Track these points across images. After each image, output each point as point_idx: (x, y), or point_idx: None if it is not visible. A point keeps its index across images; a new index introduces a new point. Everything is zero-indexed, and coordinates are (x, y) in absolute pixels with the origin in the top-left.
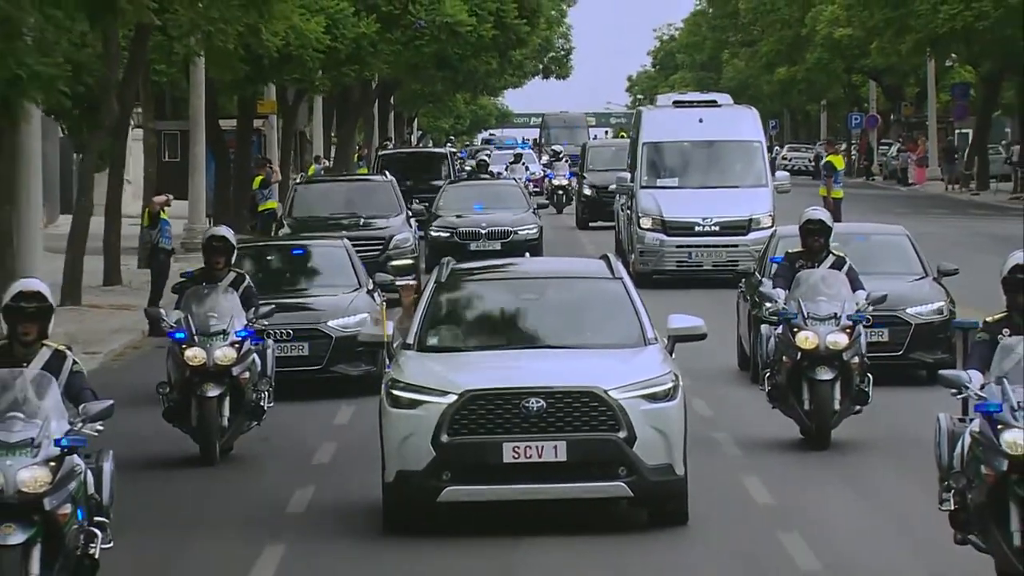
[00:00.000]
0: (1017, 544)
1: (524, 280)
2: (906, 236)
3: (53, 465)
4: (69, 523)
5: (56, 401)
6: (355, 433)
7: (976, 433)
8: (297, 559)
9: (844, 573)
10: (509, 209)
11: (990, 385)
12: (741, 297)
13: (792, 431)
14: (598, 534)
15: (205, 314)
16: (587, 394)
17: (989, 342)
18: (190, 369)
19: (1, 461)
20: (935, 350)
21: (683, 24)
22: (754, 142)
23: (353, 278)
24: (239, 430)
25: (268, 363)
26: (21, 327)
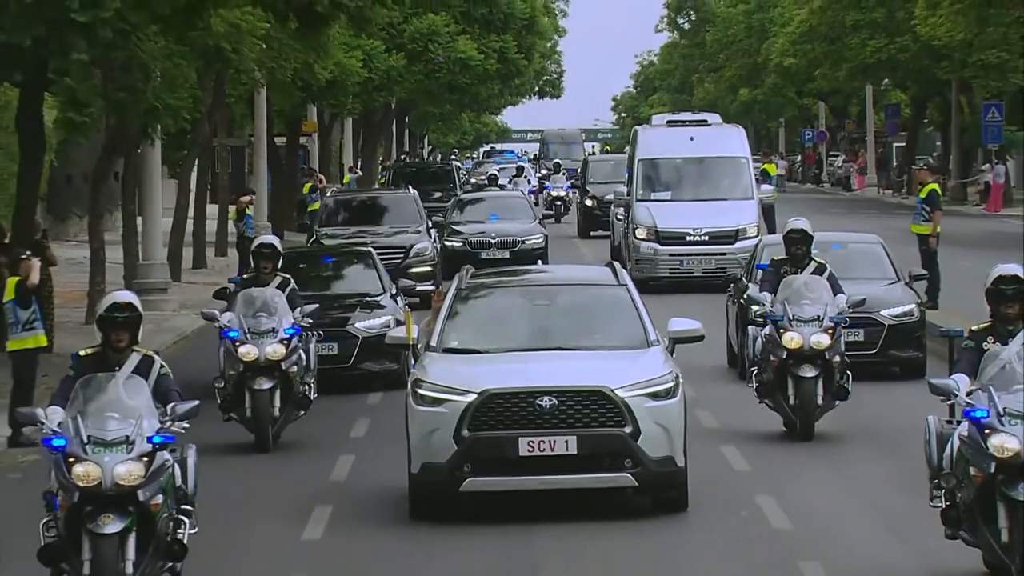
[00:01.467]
0: (1004, 540)
1: (537, 287)
2: (880, 244)
3: (146, 460)
4: (160, 512)
5: (147, 401)
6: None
7: (964, 436)
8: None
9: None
10: (517, 220)
11: (977, 392)
12: (730, 301)
13: (775, 420)
14: (606, 520)
15: (256, 314)
16: (595, 393)
17: (975, 350)
18: (243, 364)
19: (99, 457)
20: (907, 348)
21: (659, 52)
22: (741, 158)
23: (378, 284)
24: (289, 419)
25: (311, 358)
26: (114, 335)
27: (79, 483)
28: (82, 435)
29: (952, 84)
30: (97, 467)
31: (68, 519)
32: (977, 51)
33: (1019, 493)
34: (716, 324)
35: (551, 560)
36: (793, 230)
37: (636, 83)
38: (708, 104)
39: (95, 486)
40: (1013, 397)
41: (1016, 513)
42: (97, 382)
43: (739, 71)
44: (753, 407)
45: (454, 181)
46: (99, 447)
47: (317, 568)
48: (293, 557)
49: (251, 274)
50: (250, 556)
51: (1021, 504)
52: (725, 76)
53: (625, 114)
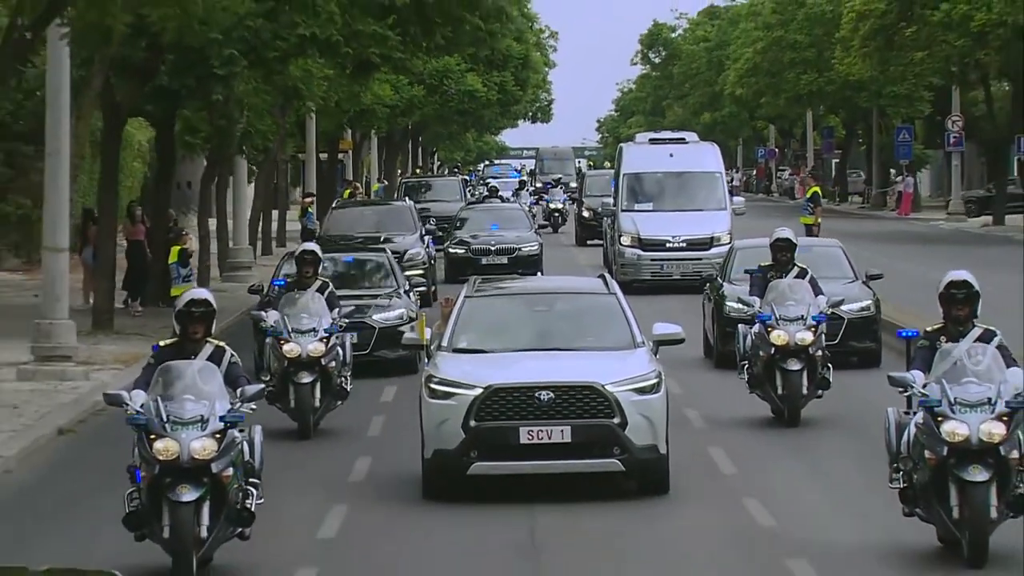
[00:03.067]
0: (955, 516)
1: (537, 295)
2: (840, 248)
3: (218, 437)
4: (231, 483)
5: (219, 386)
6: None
7: (920, 424)
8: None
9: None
10: (515, 230)
11: (931, 384)
12: (706, 299)
13: (747, 406)
14: (597, 501)
15: (298, 314)
16: (588, 388)
17: (929, 348)
18: (288, 360)
19: (177, 434)
20: (864, 340)
21: (635, 81)
22: (715, 173)
23: (393, 281)
24: (328, 409)
25: (347, 354)
26: (191, 327)
27: (159, 457)
28: (162, 415)
29: (873, 110)
30: (175, 443)
31: (149, 489)
32: (887, 85)
33: (969, 474)
34: (693, 320)
35: (549, 535)
36: (779, 239)
37: (617, 107)
38: (677, 125)
39: (173, 460)
40: (963, 389)
41: (966, 492)
42: (175, 369)
43: (701, 98)
44: (726, 391)
45: (461, 193)
46: (177, 425)
47: (344, 536)
48: (321, 527)
49: (295, 278)
50: (288, 518)
51: (970, 484)
52: (690, 102)
53: (608, 134)
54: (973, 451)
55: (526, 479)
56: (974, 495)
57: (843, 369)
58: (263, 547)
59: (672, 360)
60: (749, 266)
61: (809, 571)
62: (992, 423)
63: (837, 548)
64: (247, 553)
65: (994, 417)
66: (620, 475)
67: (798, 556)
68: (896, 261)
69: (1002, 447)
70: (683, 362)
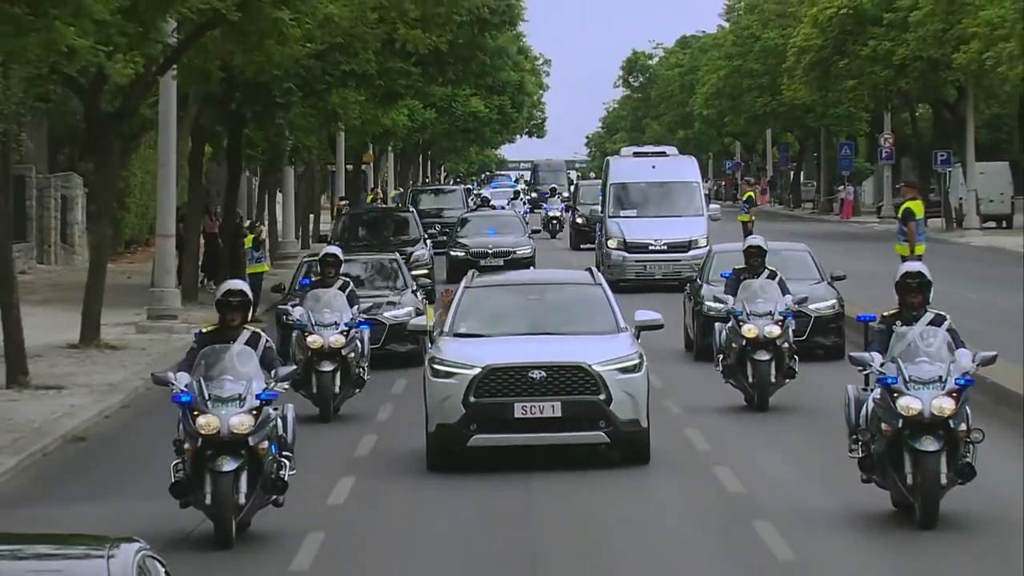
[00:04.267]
0: (909, 482)
1: (530, 285)
2: (807, 252)
3: (254, 413)
4: (266, 455)
5: (255, 368)
6: (407, 397)
7: (877, 399)
8: (363, 491)
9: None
10: (511, 235)
11: (888, 363)
12: (686, 298)
13: (725, 396)
14: (585, 469)
15: (321, 309)
16: (576, 367)
17: (886, 331)
18: (311, 351)
19: (217, 410)
20: (829, 336)
21: (618, 102)
22: (693, 183)
23: (403, 282)
24: (347, 396)
25: (365, 346)
26: (229, 315)
27: (202, 431)
28: (204, 394)
29: (820, 129)
30: (216, 418)
31: (193, 461)
32: (830, 107)
33: (921, 444)
34: (674, 315)
35: (542, 498)
36: (751, 246)
37: (603, 124)
38: (655, 140)
39: (214, 434)
40: (916, 368)
41: (918, 461)
42: (216, 352)
43: (675, 117)
44: (703, 382)
45: (464, 202)
46: (217, 403)
47: (355, 501)
48: (338, 488)
49: (319, 277)
50: (307, 487)
51: (922, 453)
52: (665, 120)
53: (595, 148)
54: (925, 424)
55: (521, 450)
56: (926, 463)
57: (810, 362)
58: (277, 513)
59: (655, 351)
60: (725, 268)
61: (772, 531)
62: (943, 399)
63: (800, 511)
64: (263, 519)
65: (944, 393)
66: (605, 446)
67: (763, 518)
68: (833, 255)
69: (951, 420)
70: (665, 355)
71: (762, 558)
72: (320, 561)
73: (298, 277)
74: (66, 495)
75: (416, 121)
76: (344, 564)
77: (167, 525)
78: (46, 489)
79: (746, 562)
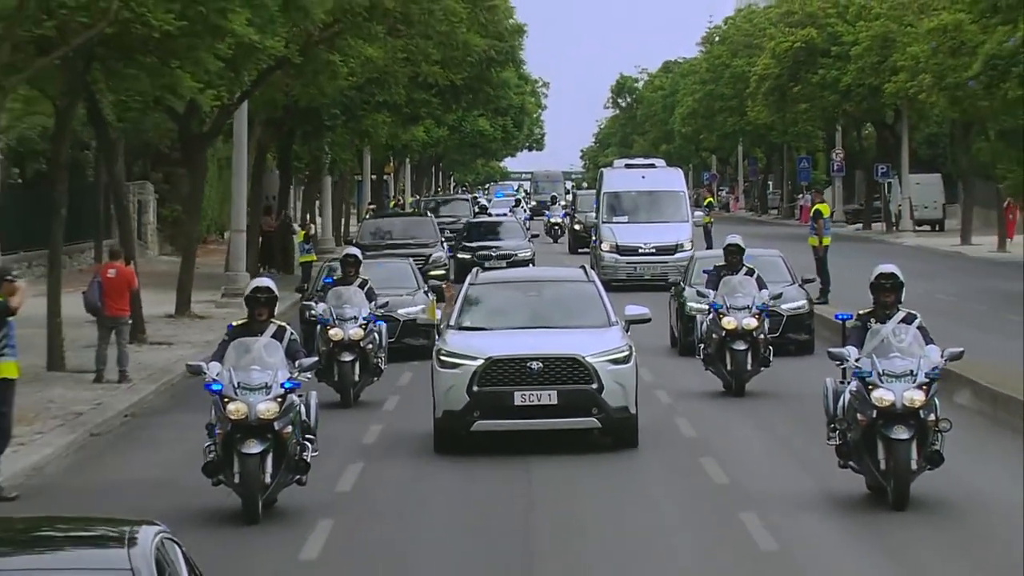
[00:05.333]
0: (882, 467)
1: (528, 282)
2: (780, 257)
3: (280, 400)
4: (290, 439)
5: (281, 358)
6: (414, 387)
7: (854, 391)
8: (370, 474)
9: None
10: (513, 239)
11: (863, 358)
12: (672, 298)
13: (706, 383)
14: (578, 453)
15: (342, 305)
16: (571, 359)
17: (861, 328)
18: (332, 343)
19: (245, 397)
20: (800, 333)
21: (608, 120)
22: (679, 192)
23: (414, 282)
24: (366, 384)
25: (383, 338)
26: (257, 310)
27: (231, 417)
28: (234, 382)
29: (783, 145)
30: (245, 405)
31: (223, 443)
32: (789, 126)
33: (894, 433)
34: (660, 313)
35: (540, 479)
36: (730, 244)
37: (596, 139)
38: (641, 154)
39: (243, 419)
40: (889, 362)
41: (891, 448)
42: (245, 344)
43: (658, 134)
44: (688, 373)
45: (470, 209)
46: (246, 390)
47: (365, 481)
48: (346, 475)
49: (340, 276)
50: (322, 466)
51: (895, 441)
52: (649, 137)
53: (589, 161)
54: (898, 414)
55: (520, 435)
56: (898, 451)
57: (782, 357)
58: (310, 475)
59: (644, 346)
60: (707, 270)
61: (753, 516)
62: (914, 391)
63: (774, 490)
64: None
65: (915, 386)
66: (598, 431)
67: (748, 509)
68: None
69: (922, 411)
70: (653, 351)
71: (739, 535)
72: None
73: (321, 276)
74: (193, 406)
75: (431, 138)
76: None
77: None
78: (181, 402)
79: (723, 537)
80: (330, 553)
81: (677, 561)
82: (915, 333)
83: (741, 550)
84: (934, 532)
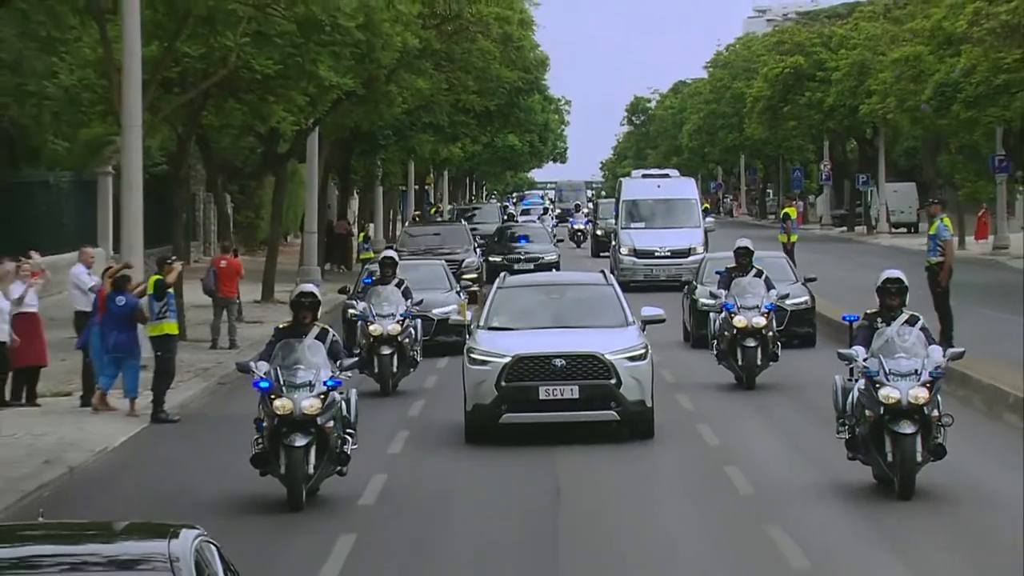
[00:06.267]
0: (889, 460)
1: (551, 285)
2: (784, 259)
3: (322, 397)
4: (332, 433)
5: (323, 358)
6: (447, 378)
7: (862, 389)
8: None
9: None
10: (539, 243)
11: (871, 358)
12: (685, 297)
13: (718, 376)
14: (599, 443)
15: (380, 303)
16: (592, 356)
17: (868, 328)
18: (372, 337)
19: (291, 395)
20: (803, 327)
21: (624, 135)
22: (692, 200)
23: (447, 284)
24: (404, 374)
25: (418, 333)
26: (302, 314)
27: (278, 412)
28: (280, 380)
29: (779, 157)
30: (290, 401)
31: (270, 437)
32: (783, 141)
33: (900, 428)
34: (675, 311)
35: (563, 467)
36: (740, 247)
37: (614, 152)
38: (654, 166)
39: (288, 414)
40: (895, 362)
41: (897, 442)
42: (290, 345)
43: (668, 147)
44: (701, 368)
45: (500, 217)
46: (291, 388)
47: (398, 470)
48: (383, 462)
49: (378, 276)
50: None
51: (901, 435)
52: (661, 150)
53: (608, 171)
54: (903, 410)
55: (545, 426)
56: (904, 444)
57: (787, 349)
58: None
59: (659, 342)
60: (718, 270)
61: (747, 485)
62: (918, 389)
63: (783, 479)
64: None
65: (919, 384)
66: (616, 423)
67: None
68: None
69: (925, 407)
70: (667, 343)
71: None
72: (381, 499)
73: (361, 278)
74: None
75: (467, 152)
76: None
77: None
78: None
79: (721, 520)
80: (381, 503)
81: (690, 538)
82: (918, 334)
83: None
84: (936, 519)
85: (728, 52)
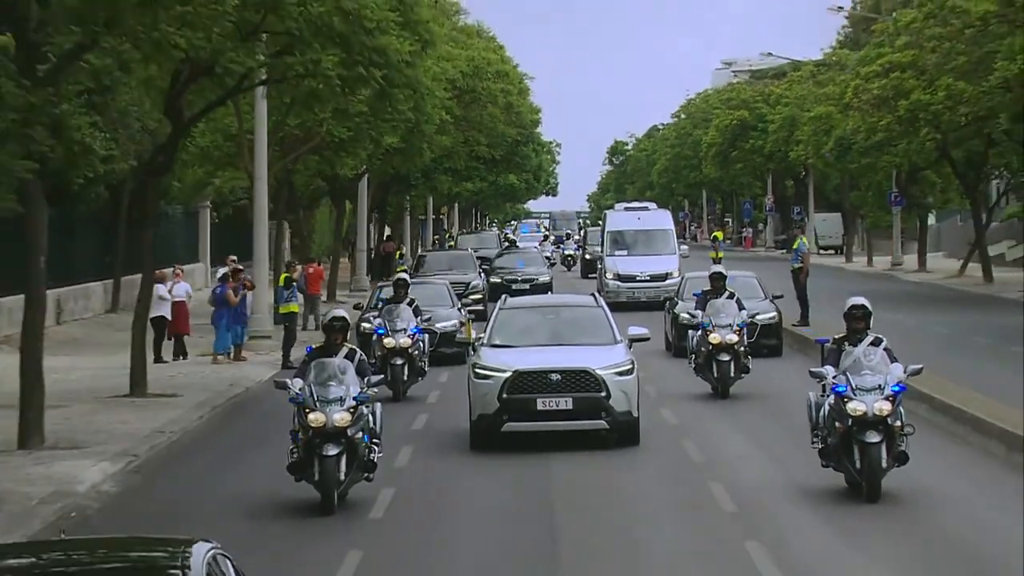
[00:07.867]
0: (858, 467)
1: (547, 306)
2: (755, 278)
3: (352, 411)
4: (360, 443)
5: (352, 376)
6: (451, 388)
7: (832, 404)
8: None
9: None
10: (534, 266)
11: (839, 375)
12: (665, 313)
13: (696, 387)
14: (591, 449)
15: (393, 319)
16: (584, 371)
17: (836, 350)
18: (386, 350)
19: (323, 408)
20: (771, 339)
21: (605, 174)
22: (668, 230)
23: (450, 301)
24: (413, 383)
25: (426, 346)
26: (333, 336)
27: (312, 425)
28: (314, 396)
29: (733, 192)
30: (323, 415)
31: (305, 447)
32: (734, 179)
33: (866, 438)
34: (655, 327)
35: (558, 471)
36: (714, 272)
37: (599, 186)
38: (635, 198)
39: (321, 427)
40: (861, 379)
41: (864, 450)
42: (322, 364)
43: (643, 183)
44: (682, 380)
45: (498, 242)
46: (324, 403)
47: (405, 479)
48: (391, 475)
49: (391, 296)
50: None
51: (868, 444)
52: (637, 186)
53: (593, 203)
54: (869, 422)
55: (542, 434)
56: (870, 452)
57: (756, 358)
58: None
59: (644, 354)
60: (695, 289)
61: (724, 494)
62: (882, 402)
63: (757, 480)
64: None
65: (883, 398)
66: (606, 432)
67: (717, 481)
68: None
69: (889, 419)
70: (650, 355)
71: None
72: (392, 508)
73: (375, 296)
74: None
75: (475, 189)
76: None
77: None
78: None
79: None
80: (391, 512)
81: (670, 528)
82: (882, 354)
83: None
84: (900, 519)
85: (692, 102)
